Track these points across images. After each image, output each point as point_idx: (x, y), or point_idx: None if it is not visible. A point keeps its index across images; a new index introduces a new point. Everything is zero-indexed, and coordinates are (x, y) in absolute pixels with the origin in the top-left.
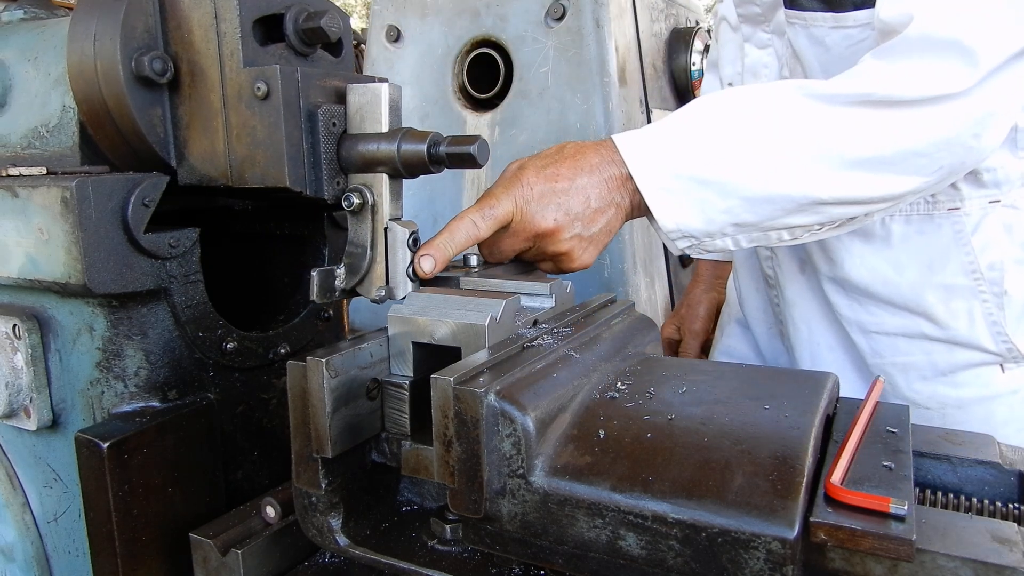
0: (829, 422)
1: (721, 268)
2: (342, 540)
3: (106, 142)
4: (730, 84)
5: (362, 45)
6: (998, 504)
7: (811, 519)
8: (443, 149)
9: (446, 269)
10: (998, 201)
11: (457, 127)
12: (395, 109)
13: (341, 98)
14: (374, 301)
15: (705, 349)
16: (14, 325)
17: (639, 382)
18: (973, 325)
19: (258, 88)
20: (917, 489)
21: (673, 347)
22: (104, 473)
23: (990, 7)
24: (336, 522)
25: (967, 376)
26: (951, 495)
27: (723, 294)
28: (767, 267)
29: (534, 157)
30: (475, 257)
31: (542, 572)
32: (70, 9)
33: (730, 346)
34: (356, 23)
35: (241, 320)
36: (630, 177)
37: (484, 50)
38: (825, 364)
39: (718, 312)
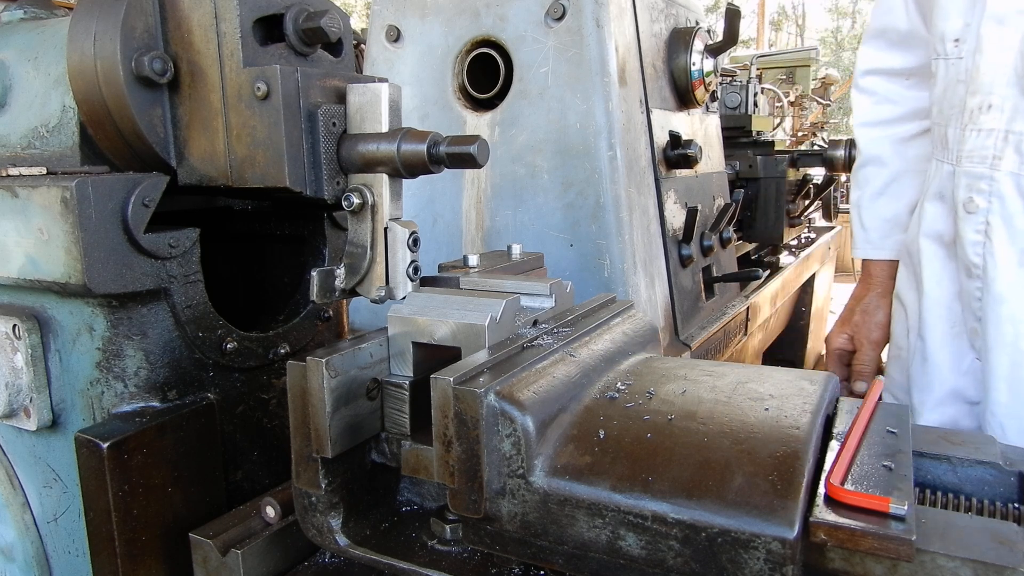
0: (829, 422)
1: (896, 269)
2: (342, 540)
3: (106, 142)
4: (956, 41)
5: (362, 45)
6: (998, 504)
7: (811, 519)
8: (443, 149)
9: (446, 269)
10: None
11: (457, 127)
12: (395, 109)
13: (341, 98)
14: (374, 301)
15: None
16: (14, 325)
17: (639, 382)
18: None
19: (258, 88)
20: (917, 489)
21: (845, 359)
22: (104, 473)
23: None
24: (336, 522)
25: None
26: (951, 495)
27: None
28: (973, 253)
29: None
30: (475, 257)
31: (542, 572)
32: (70, 9)
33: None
34: (356, 23)
35: (241, 320)
36: None
37: (484, 50)
38: None
39: None
